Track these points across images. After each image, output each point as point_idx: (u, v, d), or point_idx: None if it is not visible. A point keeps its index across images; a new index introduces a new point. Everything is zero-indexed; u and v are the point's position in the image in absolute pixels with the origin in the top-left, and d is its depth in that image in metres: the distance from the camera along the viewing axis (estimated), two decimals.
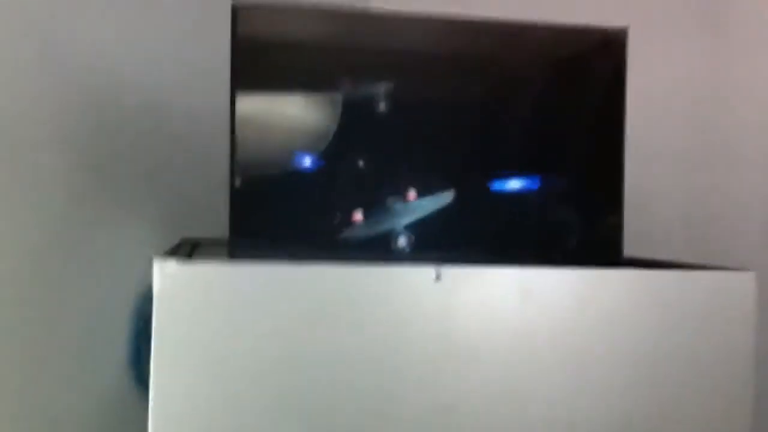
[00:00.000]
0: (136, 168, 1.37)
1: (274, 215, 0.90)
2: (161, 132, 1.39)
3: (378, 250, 0.94)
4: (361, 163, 1.01)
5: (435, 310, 0.73)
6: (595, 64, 0.85)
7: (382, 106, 1.00)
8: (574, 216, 0.89)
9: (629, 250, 0.83)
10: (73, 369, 1.33)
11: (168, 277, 0.71)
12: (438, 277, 0.74)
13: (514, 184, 0.94)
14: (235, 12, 0.76)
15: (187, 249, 1.06)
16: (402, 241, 0.97)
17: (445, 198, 1.01)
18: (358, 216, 0.96)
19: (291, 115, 1.03)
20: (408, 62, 0.96)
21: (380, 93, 1.04)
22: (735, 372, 0.77)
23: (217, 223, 1.35)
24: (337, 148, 0.98)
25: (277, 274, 0.72)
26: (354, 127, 1.01)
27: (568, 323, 0.75)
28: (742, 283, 0.77)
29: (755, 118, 1.36)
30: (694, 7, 1.35)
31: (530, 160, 0.95)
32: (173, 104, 1.40)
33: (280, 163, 0.94)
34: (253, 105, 0.91)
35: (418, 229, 1.01)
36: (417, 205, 1.00)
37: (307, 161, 0.96)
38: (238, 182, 0.79)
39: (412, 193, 1.05)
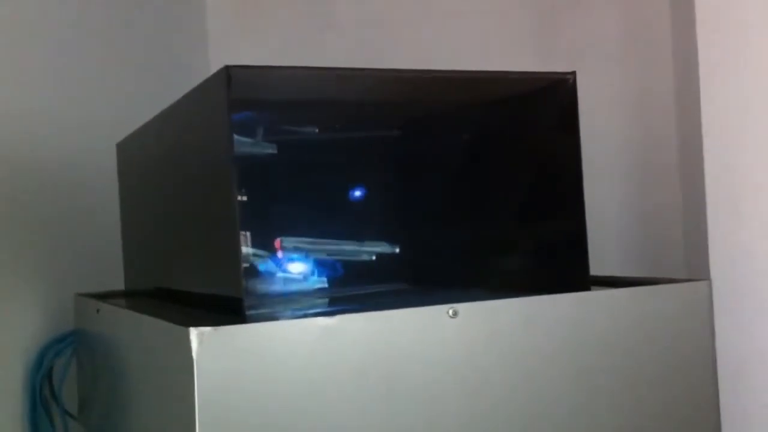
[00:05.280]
0: (19, 227, 1.31)
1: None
2: (48, 189, 1.34)
3: None
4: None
5: (455, 346, 0.78)
6: (545, 108, 0.94)
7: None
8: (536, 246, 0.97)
9: None
10: None
11: (205, 343, 0.70)
12: (455, 314, 0.78)
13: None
14: (229, 74, 0.78)
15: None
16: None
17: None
18: None
19: None
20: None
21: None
22: (700, 374, 0.88)
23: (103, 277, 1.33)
24: None
25: (313, 328, 0.74)
26: None
27: (567, 345, 0.82)
28: (700, 291, 0.88)
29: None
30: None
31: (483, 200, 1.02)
32: (61, 161, 1.36)
33: None
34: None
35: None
36: None
37: None
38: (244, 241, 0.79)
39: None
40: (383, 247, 1.09)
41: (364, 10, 1.62)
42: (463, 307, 0.78)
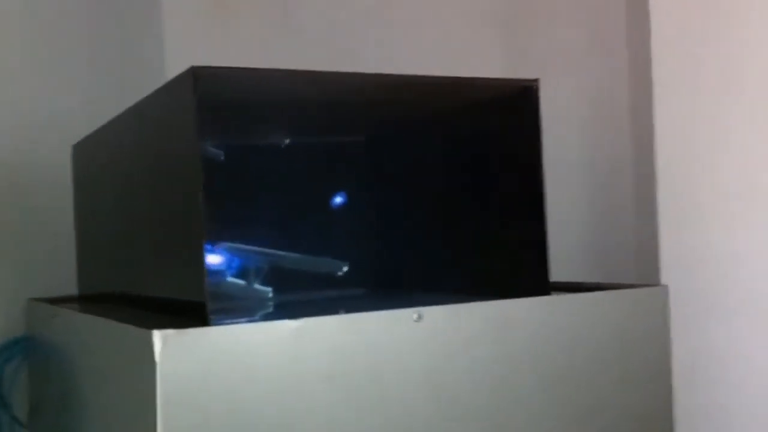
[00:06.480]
0: None
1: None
2: None
3: None
4: None
5: (420, 349, 0.78)
6: (509, 114, 0.95)
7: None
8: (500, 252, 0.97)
9: None
10: None
11: (169, 345, 0.70)
12: (420, 318, 0.79)
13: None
14: (196, 75, 0.77)
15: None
16: None
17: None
18: None
19: None
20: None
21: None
22: (657, 376, 0.90)
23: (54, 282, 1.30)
24: None
25: (279, 331, 0.74)
26: None
27: (529, 348, 0.83)
28: (657, 296, 0.90)
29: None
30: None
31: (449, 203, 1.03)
32: (10, 161, 1.33)
33: None
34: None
35: None
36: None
37: None
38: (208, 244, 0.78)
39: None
40: (329, 265, 1.08)
41: (327, 16, 1.62)
42: (427, 311, 0.79)
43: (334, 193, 1.14)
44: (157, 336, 0.69)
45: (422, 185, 1.09)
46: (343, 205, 1.13)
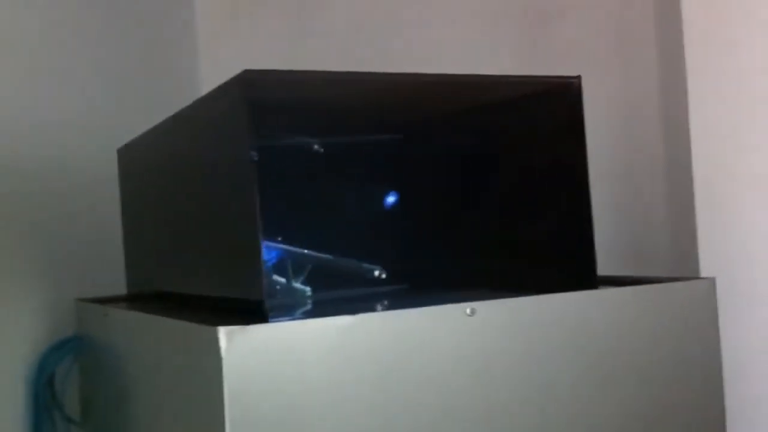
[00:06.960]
0: (15, 231, 1.32)
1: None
2: (44, 194, 1.34)
3: None
4: None
5: (473, 344, 0.80)
6: (549, 111, 0.96)
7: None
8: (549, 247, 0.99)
9: None
10: None
11: (234, 342, 0.72)
12: (473, 312, 0.80)
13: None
14: (249, 78, 0.79)
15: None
16: None
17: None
18: None
19: None
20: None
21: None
22: (707, 369, 0.90)
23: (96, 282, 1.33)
24: None
25: (335, 326, 0.76)
26: None
27: (580, 342, 0.85)
28: (705, 289, 0.91)
29: None
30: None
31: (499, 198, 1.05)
32: (58, 165, 1.36)
33: None
34: None
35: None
36: None
37: None
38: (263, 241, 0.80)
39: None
40: (364, 268, 1.09)
41: (350, 16, 1.64)
42: (480, 306, 0.80)
43: (370, 192, 1.15)
44: (223, 332, 0.71)
45: (463, 183, 1.10)
46: (379, 204, 1.15)
